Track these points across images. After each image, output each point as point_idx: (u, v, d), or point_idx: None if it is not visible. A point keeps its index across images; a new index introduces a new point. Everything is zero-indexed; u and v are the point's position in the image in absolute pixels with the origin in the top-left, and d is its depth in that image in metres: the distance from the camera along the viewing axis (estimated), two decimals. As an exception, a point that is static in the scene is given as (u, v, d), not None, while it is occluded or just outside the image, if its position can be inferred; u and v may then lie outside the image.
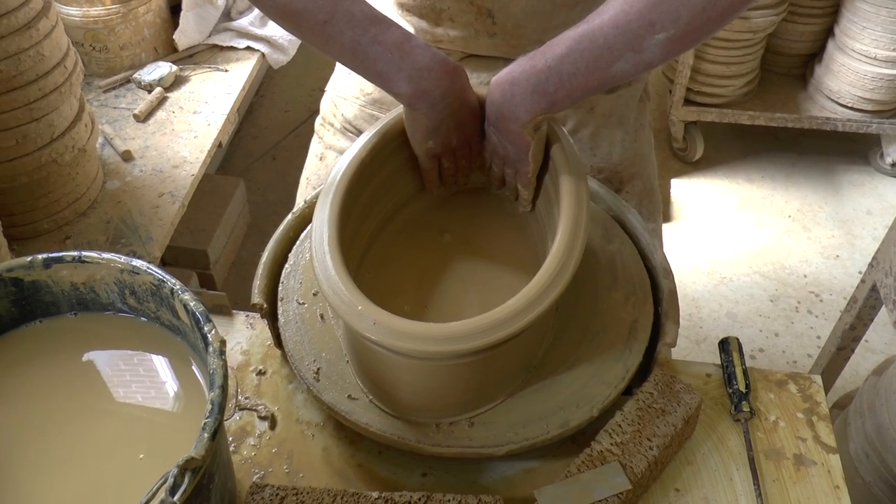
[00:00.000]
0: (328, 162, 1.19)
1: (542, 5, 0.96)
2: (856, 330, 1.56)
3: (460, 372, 0.77)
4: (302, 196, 1.23)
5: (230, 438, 0.86)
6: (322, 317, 0.89)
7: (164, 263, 1.75)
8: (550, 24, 0.93)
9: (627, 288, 0.90)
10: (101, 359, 0.80)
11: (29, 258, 0.77)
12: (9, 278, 0.77)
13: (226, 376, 0.67)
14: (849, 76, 2.39)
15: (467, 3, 0.96)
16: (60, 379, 0.78)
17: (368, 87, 1.11)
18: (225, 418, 0.75)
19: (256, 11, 2.11)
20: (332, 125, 1.18)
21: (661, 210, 1.25)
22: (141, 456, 0.72)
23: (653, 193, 1.19)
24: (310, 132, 1.26)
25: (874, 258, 1.45)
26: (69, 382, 0.77)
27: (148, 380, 0.78)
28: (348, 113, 1.14)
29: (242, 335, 0.96)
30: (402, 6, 1.03)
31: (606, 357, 0.84)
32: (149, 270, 0.75)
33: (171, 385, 0.78)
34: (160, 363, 0.79)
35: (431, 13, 0.99)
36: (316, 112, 1.23)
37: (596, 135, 1.10)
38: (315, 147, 1.22)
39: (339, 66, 1.19)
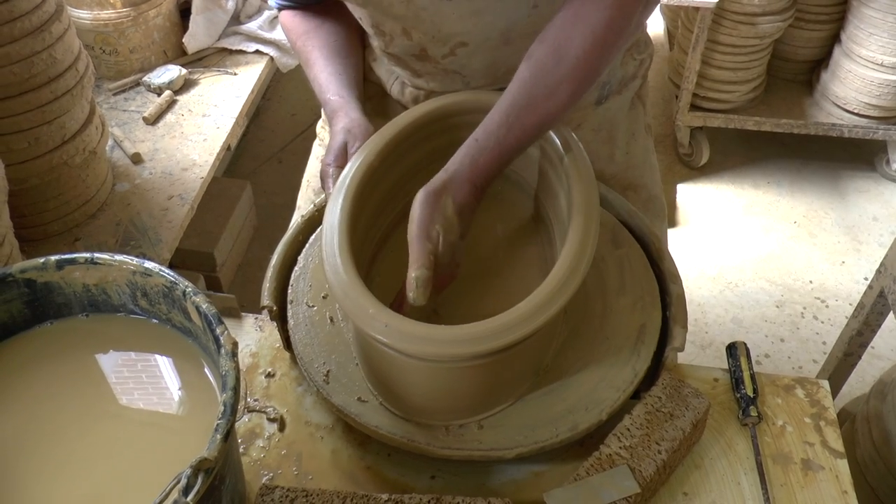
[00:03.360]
0: None
1: (502, 51, 0.95)
2: (863, 336, 1.56)
3: (470, 375, 0.77)
4: (303, 197, 1.23)
5: (239, 440, 0.86)
6: (332, 319, 0.90)
7: (170, 266, 1.75)
8: (520, 58, 0.86)
9: (636, 292, 0.90)
10: (112, 360, 0.80)
11: (42, 259, 0.77)
12: (22, 279, 0.77)
13: (238, 378, 0.68)
14: (855, 82, 2.38)
15: (432, 65, 0.98)
16: (71, 380, 0.78)
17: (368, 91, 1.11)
18: (235, 420, 0.76)
19: (265, 15, 2.12)
20: None
21: (666, 216, 1.24)
22: (147, 458, 0.73)
23: (654, 201, 1.18)
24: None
25: (882, 264, 1.45)
26: (79, 384, 0.78)
27: (157, 382, 0.79)
28: None
29: (251, 337, 0.97)
30: (389, 58, 1.04)
31: (615, 361, 0.85)
32: (161, 272, 0.76)
33: (180, 388, 0.78)
34: (170, 365, 0.79)
35: (410, 70, 1.03)
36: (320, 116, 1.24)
37: (585, 151, 1.09)
38: (317, 150, 1.22)
39: None
